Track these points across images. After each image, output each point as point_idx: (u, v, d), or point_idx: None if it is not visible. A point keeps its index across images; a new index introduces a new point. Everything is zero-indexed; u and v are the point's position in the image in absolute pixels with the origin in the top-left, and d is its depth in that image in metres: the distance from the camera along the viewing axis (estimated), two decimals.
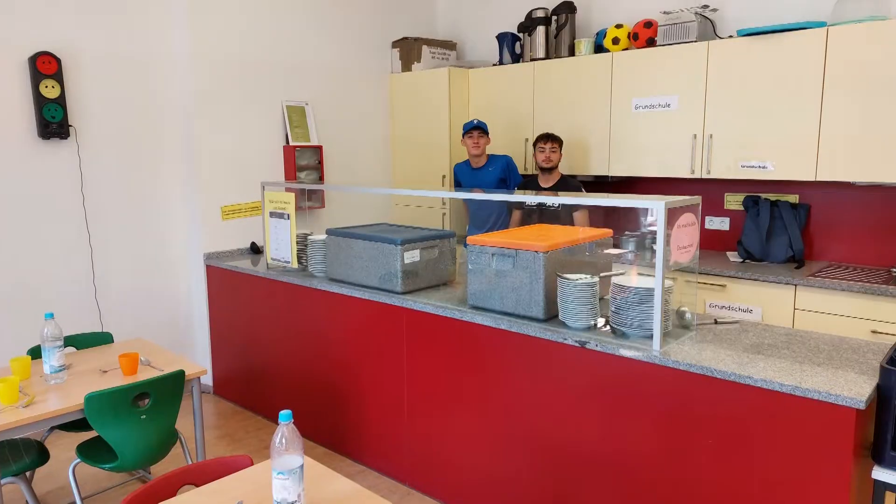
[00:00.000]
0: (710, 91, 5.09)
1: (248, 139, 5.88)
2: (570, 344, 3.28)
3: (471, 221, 5.99)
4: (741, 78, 4.93)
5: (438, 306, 3.89)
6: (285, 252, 4.93)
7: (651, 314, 3.12)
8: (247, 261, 5.59)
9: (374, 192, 6.12)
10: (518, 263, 3.53)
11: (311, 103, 6.35)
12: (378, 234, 4.37)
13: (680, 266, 3.16)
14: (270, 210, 5.00)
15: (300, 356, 4.92)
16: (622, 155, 5.62)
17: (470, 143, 5.64)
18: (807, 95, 4.66)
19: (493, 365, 3.67)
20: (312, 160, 6.28)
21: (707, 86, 5.10)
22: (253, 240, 5.97)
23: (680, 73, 5.23)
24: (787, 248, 5.06)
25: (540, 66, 6.12)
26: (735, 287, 4.78)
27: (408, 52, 6.90)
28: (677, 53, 5.23)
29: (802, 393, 2.59)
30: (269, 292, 5.11)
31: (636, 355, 3.05)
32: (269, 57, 5.99)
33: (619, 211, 5.75)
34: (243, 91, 5.82)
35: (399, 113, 7.04)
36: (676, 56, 5.23)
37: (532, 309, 3.52)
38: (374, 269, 4.30)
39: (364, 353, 4.42)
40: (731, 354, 2.98)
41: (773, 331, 3.35)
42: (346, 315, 4.49)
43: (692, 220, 3.21)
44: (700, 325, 3.44)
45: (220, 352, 5.79)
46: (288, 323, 4.98)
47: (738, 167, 5.00)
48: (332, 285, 4.53)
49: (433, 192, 4.00)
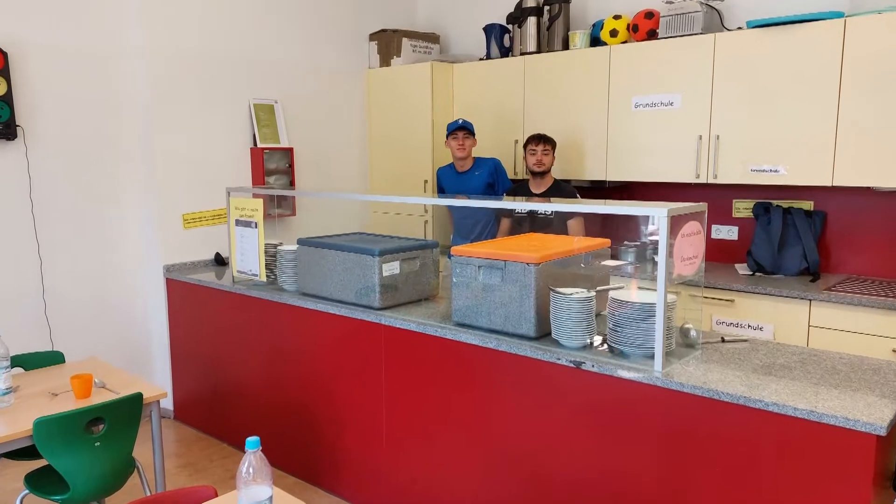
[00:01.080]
0: (717, 88, 5.10)
1: (211, 141, 5.87)
2: (564, 364, 3.27)
3: (455, 230, 5.99)
4: (751, 73, 4.95)
5: (420, 323, 3.87)
6: (253, 264, 4.92)
7: (652, 332, 3.11)
8: (211, 273, 5.57)
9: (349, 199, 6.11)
10: (507, 276, 3.52)
11: (280, 101, 6.34)
12: (354, 244, 4.36)
13: (684, 279, 3.16)
14: (236, 218, 4.98)
15: (269, 378, 4.90)
16: (621, 158, 5.63)
17: (454, 145, 5.64)
18: (823, 92, 4.68)
19: (480, 387, 3.66)
20: (282, 163, 6.27)
21: (713, 82, 5.11)
22: (217, 251, 5.96)
23: (684, 69, 5.24)
24: (801, 259, 5.07)
25: (531, 60, 6.13)
26: (744, 302, 4.78)
27: (386, 46, 6.90)
28: (681, 47, 5.25)
29: (818, 418, 2.58)
30: (235, 308, 5.09)
31: (636, 377, 3.05)
32: (235, 51, 5.98)
33: (617, 219, 5.75)
34: (206, 88, 5.81)
35: (377, 112, 7.03)
36: (680, 50, 5.25)
37: (522, 326, 3.50)
38: (350, 282, 4.29)
39: (339, 374, 4.40)
40: (739, 376, 2.97)
41: (786, 350, 3.35)
42: (320, 333, 4.47)
43: (697, 229, 3.21)
44: (706, 344, 3.43)
45: (181, 373, 5.76)
46: (256, 341, 4.96)
47: (748, 171, 5.01)
48: (304, 300, 4.51)
49: (414, 198, 4.00)
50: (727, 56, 5.04)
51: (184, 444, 5.41)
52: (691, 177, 5.26)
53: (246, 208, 4.89)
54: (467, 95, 6.63)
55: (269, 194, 6.12)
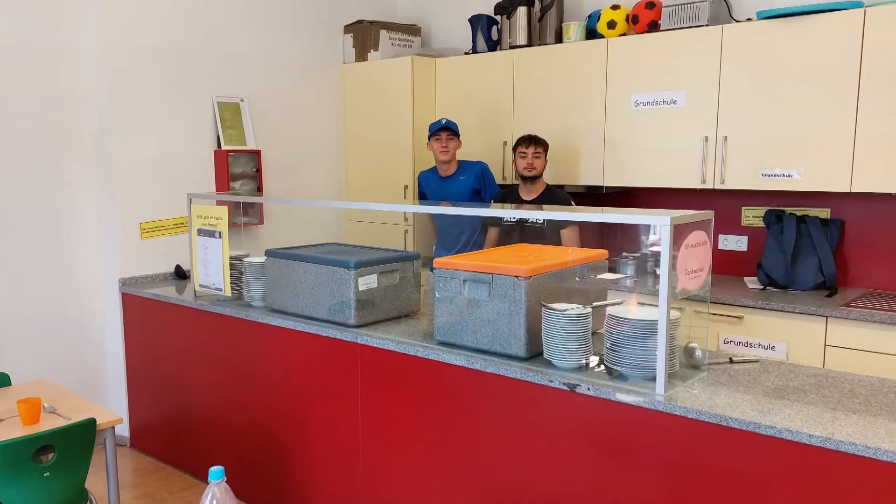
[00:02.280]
0: (725, 85, 5.12)
1: (171, 142, 5.86)
2: (556, 387, 3.27)
3: (438, 241, 6.00)
4: (762, 69, 4.97)
5: (400, 342, 3.88)
6: (216, 277, 4.92)
7: (653, 352, 3.12)
8: (171, 288, 5.56)
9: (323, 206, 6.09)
10: (495, 291, 3.52)
11: (247, 99, 6.34)
12: (328, 255, 4.36)
13: (688, 294, 3.17)
14: (199, 227, 4.98)
15: (235, 402, 4.89)
16: (619, 161, 5.65)
17: (437, 147, 5.65)
18: (840, 89, 4.70)
19: (465, 412, 3.66)
20: (249, 167, 6.27)
21: (721, 79, 5.13)
22: (178, 263, 5.96)
23: (688, 64, 5.26)
24: (817, 272, 5.08)
25: (521, 54, 6.15)
26: (754, 319, 4.79)
27: (363, 39, 6.91)
28: (685, 40, 5.27)
29: (835, 446, 2.59)
30: (197, 325, 5.08)
31: (636, 401, 3.05)
32: (197, 45, 5.98)
33: (615, 228, 5.76)
34: (166, 85, 5.81)
35: (353, 111, 7.04)
36: (684, 43, 5.27)
37: (512, 345, 3.51)
38: (323, 297, 4.29)
39: (311, 397, 4.39)
40: (749, 399, 2.97)
41: (800, 371, 3.36)
42: (290, 352, 4.47)
43: (703, 240, 3.22)
44: (712, 365, 3.44)
45: (138, 397, 5.74)
46: (220, 362, 4.95)
47: (758, 176, 5.02)
48: (273, 317, 4.51)
49: (393, 205, 4.02)
50: (736, 50, 5.06)
51: (141, 474, 5.40)
52: (696, 182, 5.28)
53: (209, 216, 4.89)
54: (451, 93, 6.64)
55: (235, 201, 6.11)
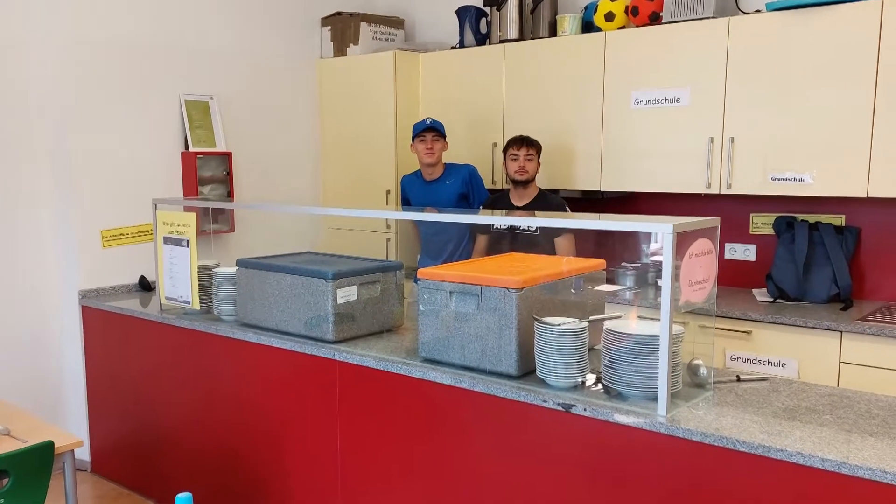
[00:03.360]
0: (732, 82, 5.13)
1: (135, 143, 5.85)
2: (550, 407, 3.27)
3: (423, 250, 6.00)
4: (771, 65, 4.97)
5: (381, 359, 3.88)
6: (184, 289, 4.91)
7: (655, 369, 3.12)
8: (135, 300, 5.56)
9: (298, 212, 6.08)
10: (484, 304, 3.53)
11: (217, 97, 6.34)
12: (304, 265, 4.37)
13: (692, 307, 3.18)
14: (165, 235, 4.98)
15: (204, 423, 4.89)
16: (618, 164, 5.65)
17: (422, 149, 5.66)
18: (856, 87, 4.71)
19: (451, 434, 3.66)
20: (219, 171, 6.27)
21: (727, 75, 5.14)
22: (142, 273, 5.94)
23: (692, 59, 5.27)
24: (831, 283, 5.09)
25: (512, 49, 6.15)
26: (763, 334, 4.79)
27: (342, 32, 6.92)
28: (689, 33, 5.28)
29: (850, 470, 2.59)
30: (163, 341, 5.08)
31: (636, 422, 3.05)
32: (163, 38, 5.97)
33: (613, 236, 5.76)
34: (129, 81, 5.80)
35: (331, 110, 7.05)
36: (688, 36, 5.29)
37: (502, 362, 3.51)
38: (299, 310, 4.29)
39: (286, 418, 4.40)
40: (758, 421, 2.98)
41: (813, 390, 3.37)
42: (263, 370, 4.47)
43: (708, 248, 3.22)
44: (718, 384, 3.44)
45: (100, 418, 5.73)
46: (188, 380, 4.95)
47: (767, 180, 5.03)
48: (245, 332, 4.51)
49: (375, 211, 4.02)
50: (743, 44, 5.07)
51: (103, 501, 5.40)
52: (701, 186, 5.29)
53: (176, 223, 4.89)
54: (437, 90, 6.65)
55: (204, 207, 6.09)
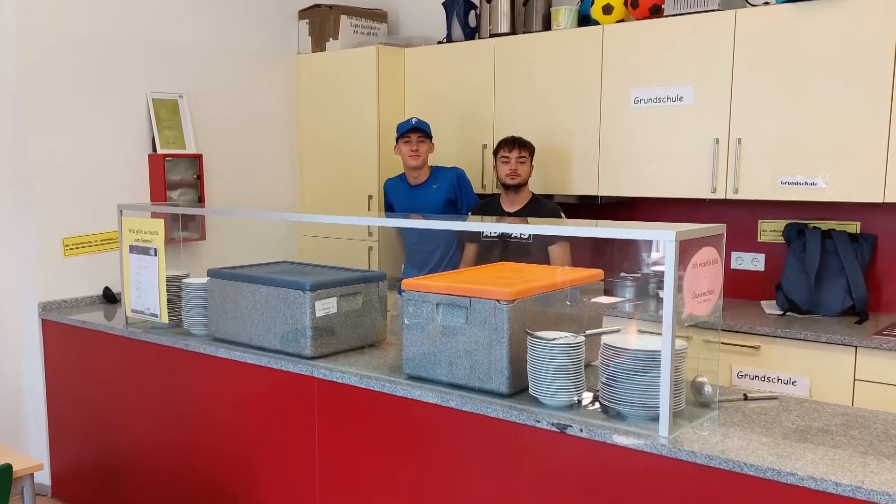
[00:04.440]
0: (739, 79, 5.14)
1: (99, 144, 5.86)
2: (544, 428, 3.27)
3: (407, 259, 6.01)
4: (781, 61, 4.98)
5: (363, 376, 3.88)
6: (151, 301, 4.90)
7: (656, 387, 3.11)
8: (98, 313, 5.56)
9: (274, 219, 6.07)
10: (473, 317, 3.53)
11: (186, 96, 6.35)
12: (280, 275, 4.37)
13: (696, 320, 3.18)
14: (131, 243, 4.97)
15: (173, 444, 4.88)
16: (616, 168, 5.66)
17: (406, 151, 5.66)
18: (872, 85, 4.72)
19: (438, 456, 3.65)
20: (189, 174, 6.27)
21: (734, 72, 5.15)
22: (107, 284, 5.94)
23: (696, 55, 5.29)
24: (845, 295, 5.10)
25: (503, 44, 6.17)
26: (772, 350, 4.80)
27: (321, 26, 6.94)
28: (693, 27, 5.29)
29: (866, 496, 2.59)
30: (129, 357, 5.07)
31: (636, 444, 3.04)
32: (130, 33, 5.98)
33: (612, 245, 5.73)
34: (93, 78, 5.80)
35: (309, 109, 7.05)
36: (692, 30, 5.30)
37: (492, 380, 3.50)
38: (275, 324, 4.29)
39: (261, 439, 4.39)
40: (766, 443, 2.98)
41: (825, 410, 3.37)
42: (236, 388, 4.47)
43: (713, 258, 3.22)
44: (724, 402, 3.44)
45: (61, 439, 5.72)
46: (156, 399, 4.94)
47: (777, 184, 5.04)
48: (217, 347, 4.51)
49: (356, 218, 4.02)
50: (751, 38, 5.08)
51: None
52: (706, 191, 5.30)
53: (143, 231, 4.88)
54: (423, 88, 6.66)
55: (173, 213, 6.07)
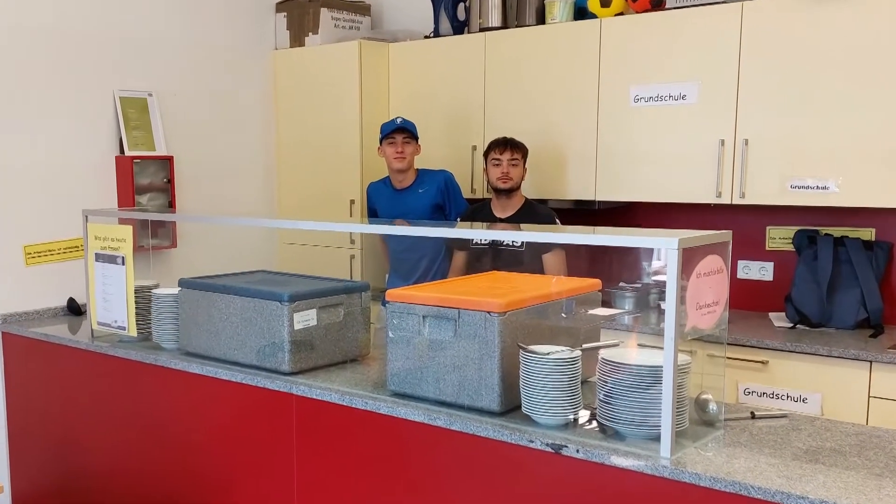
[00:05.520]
0: (746, 76, 5.15)
1: (63, 146, 5.86)
2: (538, 448, 3.26)
3: (392, 268, 6.01)
4: (792, 56, 4.99)
5: (344, 393, 3.87)
6: (119, 313, 4.89)
7: (658, 405, 3.11)
8: (62, 326, 5.57)
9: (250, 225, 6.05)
10: (462, 330, 3.52)
11: (156, 94, 6.34)
12: (256, 286, 4.38)
13: (701, 334, 3.18)
14: (97, 251, 4.97)
15: (142, 466, 4.87)
16: (615, 170, 5.67)
17: (391, 153, 5.67)
18: (890, 81, 4.73)
19: (425, 478, 3.65)
20: (159, 177, 6.26)
21: (741, 68, 5.16)
22: (71, 295, 5.94)
23: (701, 50, 5.30)
24: (859, 307, 5.10)
25: (494, 39, 6.18)
26: (782, 365, 4.80)
27: (299, 19, 6.95)
28: (697, 20, 5.30)
29: None
30: (95, 372, 5.07)
31: (636, 465, 3.04)
32: (94, 26, 5.97)
33: (610, 253, 5.72)
34: (55, 75, 5.80)
35: (287, 108, 7.07)
36: (696, 24, 5.31)
37: (482, 397, 3.50)
38: (250, 338, 4.29)
39: (236, 460, 4.39)
40: (775, 464, 2.98)
41: (838, 429, 3.37)
42: (210, 406, 4.47)
43: (718, 267, 3.23)
44: (730, 421, 3.44)
45: (23, 460, 5.72)
46: (124, 417, 4.94)
47: (787, 188, 5.05)
48: (189, 362, 4.50)
49: (337, 224, 4.02)
50: (760, 32, 5.08)
51: None
52: (711, 195, 5.30)
53: (110, 238, 4.87)
54: (408, 85, 6.67)
55: (142, 219, 6.07)
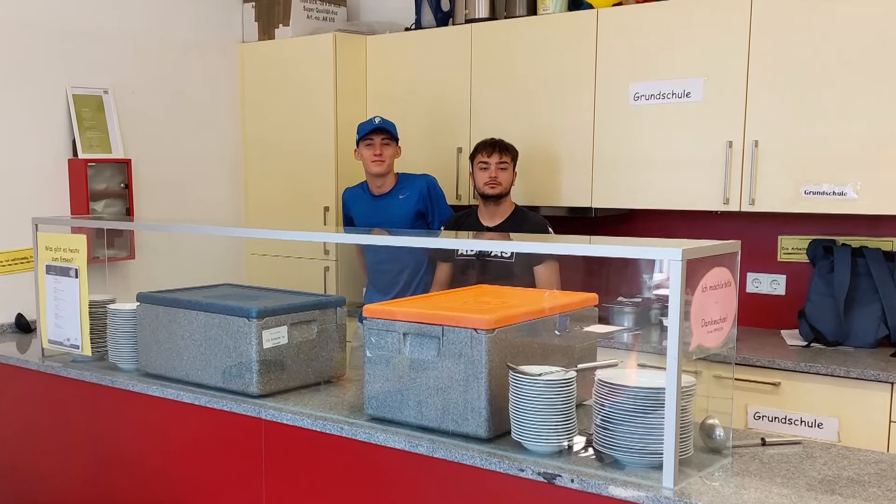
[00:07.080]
0: (755, 72, 5.16)
1: (9, 148, 5.88)
2: (529, 478, 3.25)
3: (370, 281, 6.03)
4: (804, 51, 5.00)
5: (318, 418, 3.87)
6: (72, 331, 4.90)
7: (659, 430, 3.10)
8: (10, 345, 5.59)
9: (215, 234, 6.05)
10: (446, 349, 3.52)
11: (112, 91, 6.35)
12: (221, 301, 4.39)
13: (707, 353, 3.18)
14: (48, 263, 4.98)
15: (100, 495, 4.86)
16: (613, 175, 5.68)
17: (369, 156, 5.67)
18: None
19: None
20: (115, 182, 6.28)
21: (750, 64, 5.17)
22: (20, 311, 5.95)
23: (707, 44, 5.31)
24: (879, 323, 5.11)
25: (481, 31, 6.19)
26: (795, 387, 4.81)
27: (269, 9, 6.98)
28: (702, 11, 5.32)
29: None
30: (47, 395, 5.08)
31: (636, 496, 3.03)
32: (45, 18, 5.99)
33: (608, 265, 5.73)
34: (2, 71, 5.79)
35: (255, 106, 7.09)
36: (701, 15, 5.33)
37: (469, 422, 3.50)
38: (215, 357, 4.29)
39: (200, 490, 4.39)
40: (788, 494, 2.98)
41: (856, 457, 3.38)
42: (171, 431, 4.47)
43: (726, 280, 3.23)
44: (739, 448, 3.44)
45: None
46: (78, 444, 4.93)
47: (800, 194, 5.05)
48: (148, 384, 4.50)
49: (310, 233, 4.02)
50: (771, 24, 5.09)
51: None
52: (717, 202, 5.31)
53: (62, 248, 4.88)
54: (388, 82, 6.68)
55: (97, 227, 6.04)
